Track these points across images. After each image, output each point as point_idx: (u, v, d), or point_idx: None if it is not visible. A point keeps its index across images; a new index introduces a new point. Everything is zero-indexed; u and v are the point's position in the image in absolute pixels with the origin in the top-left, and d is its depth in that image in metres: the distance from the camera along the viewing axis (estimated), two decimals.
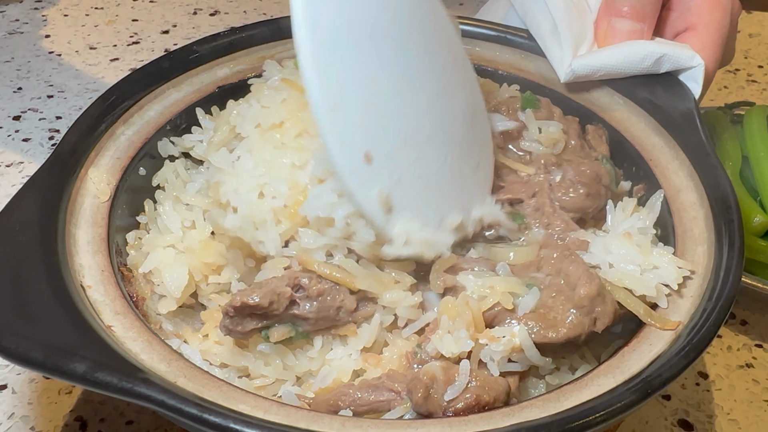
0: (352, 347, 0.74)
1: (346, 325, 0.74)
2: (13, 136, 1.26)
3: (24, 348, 0.60)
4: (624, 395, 0.61)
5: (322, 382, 0.72)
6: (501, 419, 0.61)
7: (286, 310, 0.72)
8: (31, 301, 0.65)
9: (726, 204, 0.76)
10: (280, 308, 0.72)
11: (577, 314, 0.71)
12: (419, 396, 0.66)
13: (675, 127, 0.87)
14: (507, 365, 0.70)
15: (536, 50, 0.99)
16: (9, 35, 1.51)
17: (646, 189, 0.87)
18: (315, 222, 0.73)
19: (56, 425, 0.83)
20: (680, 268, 0.73)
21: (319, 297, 0.72)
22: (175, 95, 0.92)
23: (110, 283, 0.72)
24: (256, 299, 0.70)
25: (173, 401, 0.58)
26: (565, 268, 0.74)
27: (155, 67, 0.92)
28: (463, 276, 0.74)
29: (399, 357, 0.73)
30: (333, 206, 0.71)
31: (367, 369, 0.73)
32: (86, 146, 0.83)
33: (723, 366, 0.93)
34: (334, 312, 0.73)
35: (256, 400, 0.62)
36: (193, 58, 0.94)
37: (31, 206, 0.73)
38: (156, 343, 0.66)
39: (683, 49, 0.91)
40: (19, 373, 0.88)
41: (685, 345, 0.64)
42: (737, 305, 0.98)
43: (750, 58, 1.53)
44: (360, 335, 0.74)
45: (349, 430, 0.59)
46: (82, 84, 1.38)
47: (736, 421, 0.87)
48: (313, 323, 0.73)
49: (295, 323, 0.74)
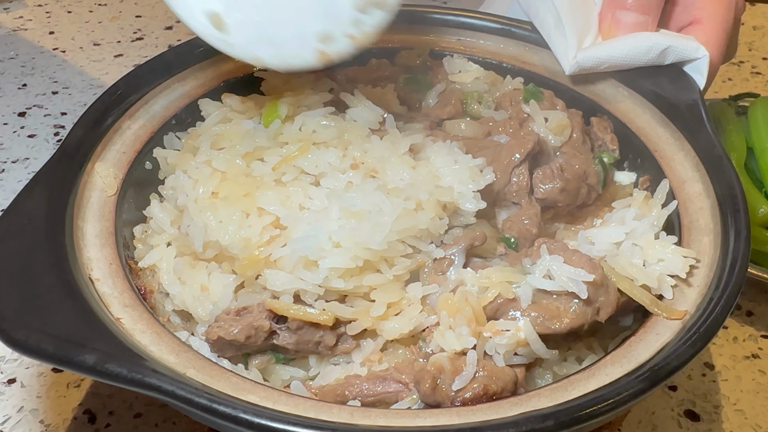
0: (353, 357, 0.74)
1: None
2: (18, 132, 1.26)
3: (34, 340, 0.60)
4: (632, 384, 0.61)
5: (323, 379, 0.73)
6: (509, 408, 0.61)
7: (266, 341, 0.72)
8: (40, 294, 0.65)
9: (732, 194, 0.76)
10: (258, 341, 0.71)
11: (579, 303, 0.71)
12: (427, 387, 0.66)
13: (680, 119, 0.87)
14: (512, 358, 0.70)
15: (540, 43, 0.99)
16: (13, 32, 1.52)
17: (652, 180, 0.87)
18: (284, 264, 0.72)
19: (65, 418, 0.83)
20: (686, 258, 0.73)
21: (298, 331, 0.72)
22: (181, 89, 0.92)
23: (118, 276, 0.72)
24: (234, 333, 0.70)
25: (183, 392, 0.58)
26: (567, 258, 0.74)
27: (160, 62, 0.93)
28: (461, 271, 0.74)
29: (404, 350, 0.73)
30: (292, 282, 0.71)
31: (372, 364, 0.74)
32: (93, 140, 0.83)
33: (729, 357, 0.93)
34: (313, 346, 0.72)
35: (265, 391, 0.62)
36: (198, 52, 0.94)
37: (39, 200, 0.73)
38: (165, 335, 0.67)
39: (688, 41, 0.91)
40: (28, 367, 0.89)
41: (693, 334, 0.64)
42: (743, 296, 0.99)
43: (754, 50, 1.53)
44: (363, 346, 0.73)
45: (357, 420, 0.60)
46: (86, 80, 1.39)
47: (742, 412, 0.87)
48: (293, 353, 0.73)
49: (276, 351, 0.74)
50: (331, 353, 0.73)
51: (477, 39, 1.03)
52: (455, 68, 0.99)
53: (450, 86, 0.96)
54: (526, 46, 1.01)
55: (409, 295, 0.73)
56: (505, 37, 1.02)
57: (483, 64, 1.01)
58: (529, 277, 0.72)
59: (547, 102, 0.92)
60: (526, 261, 0.74)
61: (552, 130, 0.87)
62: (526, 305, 0.71)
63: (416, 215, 0.74)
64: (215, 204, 0.75)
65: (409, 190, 0.75)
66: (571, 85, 0.96)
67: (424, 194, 0.75)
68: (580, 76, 0.94)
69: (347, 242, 0.70)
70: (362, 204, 0.73)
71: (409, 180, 0.77)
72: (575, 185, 0.84)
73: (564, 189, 0.84)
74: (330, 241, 0.71)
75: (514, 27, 1.02)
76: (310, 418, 0.59)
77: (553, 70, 0.97)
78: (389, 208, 0.72)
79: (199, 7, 0.78)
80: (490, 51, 1.02)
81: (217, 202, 0.75)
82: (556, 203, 0.84)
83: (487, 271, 0.73)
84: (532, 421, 0.58)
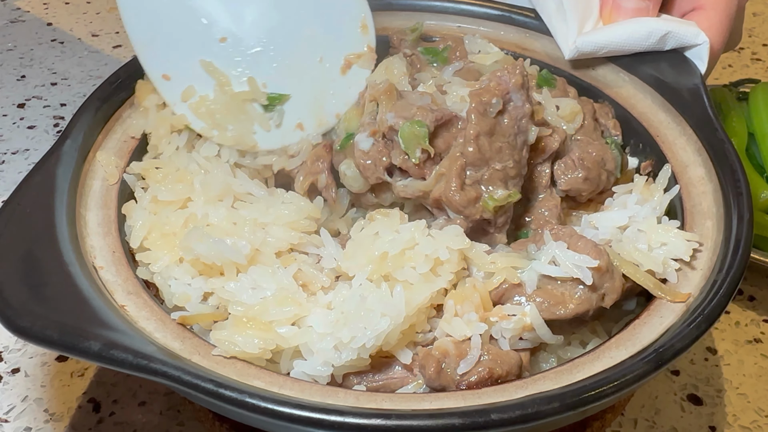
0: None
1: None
2: (18, 123, 1.26)
3: (39, 327, 0.60)
4: (636, 366, 0.61)
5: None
6: (514, 391, 0.61)
7: None
8: (44, 282, 0.65)
9: (735, 178, 0.76)
10: None
11: (584, 289, 0.71)
12: (432, 371, 0.66)
13: (682, 104, 0.87)
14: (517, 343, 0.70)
15: (541, 29, 0.98)
16: (11, 23, 1.51)
17: (654, 165, 0.87)
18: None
19: (69, 407, 0.84)
20: (689, 241, 0.73)
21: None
22: None
23: (121, 263, 0.72)
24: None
25: (189, 377, 0.58)
26: (573, 244, 0.74)
27: None
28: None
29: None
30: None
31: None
32: (93, 129, 0.83)
33: (731, 341, 0.93)
34: None
35: (270, 376, 0.62)
36: None
37: (41, 189, 0.73)
38: (169, 322, 0.67)
39: (688, 27, 0.91)
40: (32, 356, 0.89)
41: (697, 316, 0.64)
42: (744, 281, 0.98)
43: (754, 36, 1.53)
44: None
45: (363, 404, 0.60)
46: (85, 71, 1.38)
47: (745, 395, 0.87)
48: None
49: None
50: None
51: (477, 26, 1.03)
52: (475, 48, 0.97)
53: (468, 65, 0.94)
54: (527, 33, 1.01)
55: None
56: (506, 23, 1.02)
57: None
58: (534, 263, 0.72)
59: (559, 89, 0.91)
60: (531, 247, 0.74)
61: (564, 117, 0.87)
62: (531, 291, 0.71)
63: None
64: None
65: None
66: (571, 70, 0.96)
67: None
68: (580, 62, 0.94)
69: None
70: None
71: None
72: (596, 173, 0.84)
73: (587, 178, 0.83)
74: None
75: (514, 14, 1.01)
76: (316, 402, 0.59)
77: (554, 57, 0.97)
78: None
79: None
80: (491, 38, 1.01)
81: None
82: (580, 192, 0.84)
83: (492, 257, 0.73)
84: (537, 403, 0.58)
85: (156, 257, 0.73)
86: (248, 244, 0.72)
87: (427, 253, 0.69)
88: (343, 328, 0.65)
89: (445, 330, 0.68)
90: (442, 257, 0.70)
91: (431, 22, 1.04)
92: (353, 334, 0.65)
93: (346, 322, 0.66)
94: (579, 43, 0.91)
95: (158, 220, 0.75)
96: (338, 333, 0.65)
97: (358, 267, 0.70)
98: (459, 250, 0.71)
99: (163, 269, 0.72)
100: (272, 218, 0.75)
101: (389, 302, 0.66)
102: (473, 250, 0.73)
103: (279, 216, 0.76)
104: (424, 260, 0.69)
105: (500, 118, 0.77)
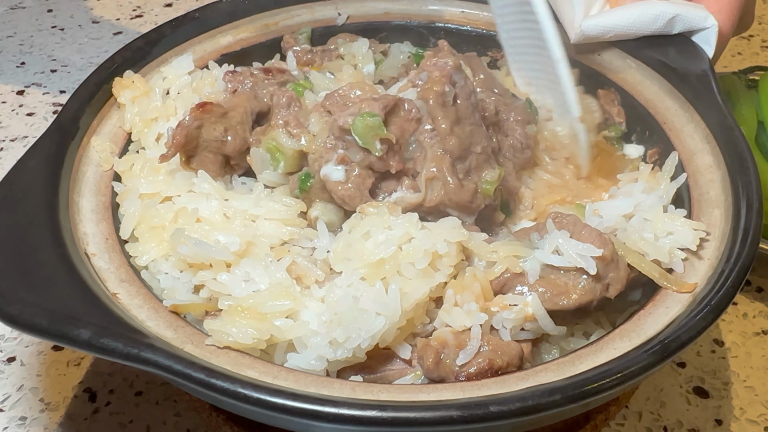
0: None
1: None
2: (17, 110, 1.25)
3: (29, 315, 0.59)
4: (641, 358, 0.59)
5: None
6: (515, 383, 0.60)
7: None
8: (35, 268, 0.64)
9: (743, 166, 0.74)
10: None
11: (588, 279, 0.69)
12: (430, 362, 0.65)
13: (689, 90, 0.85)
14: (519, 334, 0.68)
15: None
16: (11, 10, 1.50)
17: (661, 153, 0.85)
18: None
19: (65, 396, 0.82)
20: (696, 230, 0.71)
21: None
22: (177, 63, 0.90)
23: (115, 250, 0.71)
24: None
25: (180, 366, 0.57)
26: (577, 232, 0.72)
27: (157, 35, 0.91)
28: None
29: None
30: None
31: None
32: (89, 115, 0.82)
33: (739, 333, 0.91)
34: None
35: (264, 366, 0.61)
36: (196, 25, 0.93)
37: (34, 174, 0.72)
38: (162, 311, 0.65)
39: (696, 10, 0.89)
40: (28, 345, 0.88)
41: (704, 307, 0.62)
42: (752, 273, 0.96)
43: (764, 23, 1.50)
44: None
45: (359, 395, 0.58)
46: (85, 58, 1.37)
47: (752, 388, 0.85)
48: None
49: None
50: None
51: (480, 11, 1.01)
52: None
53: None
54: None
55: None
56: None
57: (486, 37, 0.99)
58: (537, 252, 0.70)
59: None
60: (534, 236, 0.72)
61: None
62: (533, 280, 0.69)
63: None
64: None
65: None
66: (576, 56, 0.93)
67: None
68: (585, 47, 0.92)
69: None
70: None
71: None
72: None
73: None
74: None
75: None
76: (311, 393, 0.58)
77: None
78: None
79: None
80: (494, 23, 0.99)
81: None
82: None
83: (494, 245, 0.71)
84: (538, 395, 0.56)
85: (144, 250, 0.71)
86: (238, 239, 0.70)
87: (426, 248, 0.67)
88: (338, 328, 0.64)
89: (445, 320, 0.67)
90: (441, 251, 0.68)
91: (434, 7, 1.02)
92: (348, 335, 0.63)
93: (340, 322, 0.64)
94: (584, 26, 0.89)
95: (147, 213, 0.74)
96: (333, 333, 0.64)
97: (352, 270, 0.67)
98: (457, 243, 0.69)
99: (150, 264, 0.71)
100: (263, 211, 0.73)
101: (384, 301, 0.64)
102: (472, 241, 0.71)
103: (270, 210, 0.74)
104: (422, 255, 0.67)
105: (457, 104, 0.75)
